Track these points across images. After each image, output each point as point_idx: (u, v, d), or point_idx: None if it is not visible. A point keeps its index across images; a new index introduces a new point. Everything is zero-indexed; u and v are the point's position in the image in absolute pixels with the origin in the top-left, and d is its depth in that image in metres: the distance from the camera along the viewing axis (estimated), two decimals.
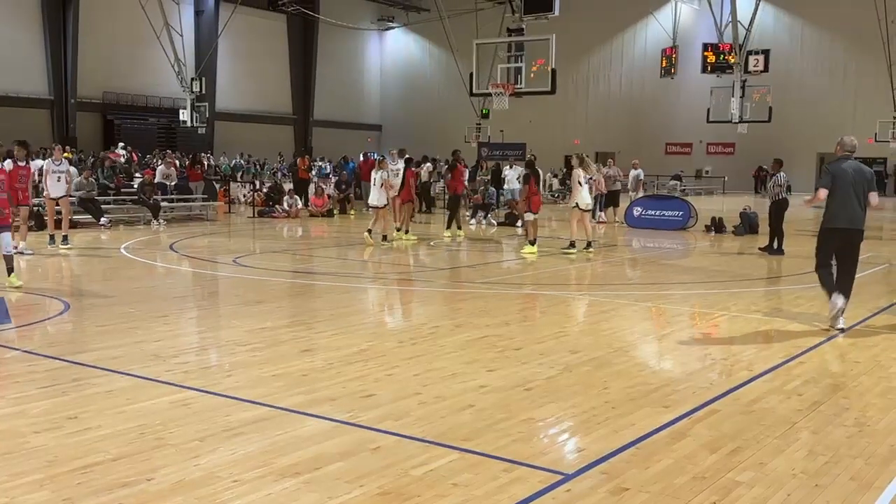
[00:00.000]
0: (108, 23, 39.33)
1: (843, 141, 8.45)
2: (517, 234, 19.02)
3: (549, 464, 4.56)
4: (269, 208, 24.64)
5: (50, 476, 4.23)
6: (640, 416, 5.42)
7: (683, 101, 46.53)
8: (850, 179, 8.17)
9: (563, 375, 6.46)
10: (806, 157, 43.45)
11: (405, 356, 7.03)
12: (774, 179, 15.65)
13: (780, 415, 5.49)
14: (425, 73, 56.55)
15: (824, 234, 8.43)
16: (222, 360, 7.01)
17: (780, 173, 15.61)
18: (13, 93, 36.76)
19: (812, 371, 6.71)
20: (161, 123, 42.50)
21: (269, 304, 9.77)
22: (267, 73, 49.35)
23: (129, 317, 8.64)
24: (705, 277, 12.85)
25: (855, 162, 8.34)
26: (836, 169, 8.27)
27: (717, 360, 7.21)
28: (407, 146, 17.57)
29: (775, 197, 15.54)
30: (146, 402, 5.56)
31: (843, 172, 8.21)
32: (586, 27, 46.63)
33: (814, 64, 44.47)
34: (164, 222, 20.52)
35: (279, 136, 49.42)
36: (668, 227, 20.77)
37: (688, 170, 45.73)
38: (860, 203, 8.22)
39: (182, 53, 34.11)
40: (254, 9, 44.09)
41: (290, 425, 5.12)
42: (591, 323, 8.70)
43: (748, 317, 9.22)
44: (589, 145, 49.85)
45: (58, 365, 6.56)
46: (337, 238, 19.39)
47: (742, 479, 4.35)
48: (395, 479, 4.26)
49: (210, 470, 4.35)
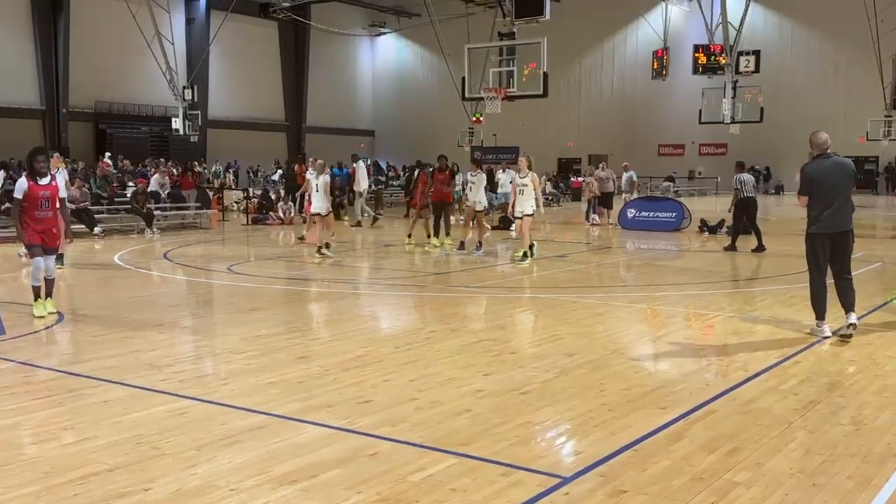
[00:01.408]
0: (100, 32, 39.27)
1: (814, 139, 7.98)
2: (511, 237, 19.03)
3: (547, 467, 4.56)
4: (263, 215, 24.61)
5: (46, 487, 4.21)
6: (636, 417, 5.42)
7: (675, 102, 46.66)
8: (831, 179, 7.79)
9: (559, 378, 6.46)
10: (798, 157, 43.15)
11: (401, 361, 7.03)
12: (736, 180, 16.17)
13: (776, 414, 5.50)
14: (417, 78, 56.61)
15: (811, 239, 8.00)
16: (218, 368, 7.00)
17: (742, 174, 16.23)
18: (4, 103, 36.68)
19: (808, 370, 6.73)
20: (153, 132, 42.45)
21: (265, 312, 9.75)
22: (259, 80, 49.35)
23: (125, 326, 8.61)
24: (700, 278, 12.87)
25: (834, 158, 7.90)
26: (812, 171, 7.88)
27: (713, 360, 7.23)
28: (400, 151, 17.48)
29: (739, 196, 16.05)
30: (142, 411, 5.54)
31: (820, 174, 7.82)
32: (577, 30, 46.73)
33: (804, 64, 44.64)
34: (157, 231, 20.48)
35: (272, 142, 49.40)
36: (662, 228, 20.82)
37: (680, 171, 45.85)
38: (845, 202, 7.85)
39: (174, 61, 34.02)
40: (245, 16, 43.99)
41: (287, 433, 5.11)
42: (587, 325, 8.70)
43: (743, 317, 9.24)
44: (582, 148, 50.09)
45: (53, 376, 6.54)
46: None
47: (740, 479, 4.36)
48: (393, 485, 4.26)
49: (207, 479, 4.34)
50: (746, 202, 16.08)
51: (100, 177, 24.17)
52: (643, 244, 18.17)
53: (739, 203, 16.08)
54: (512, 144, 41.82)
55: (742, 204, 16.07)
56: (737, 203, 16.14)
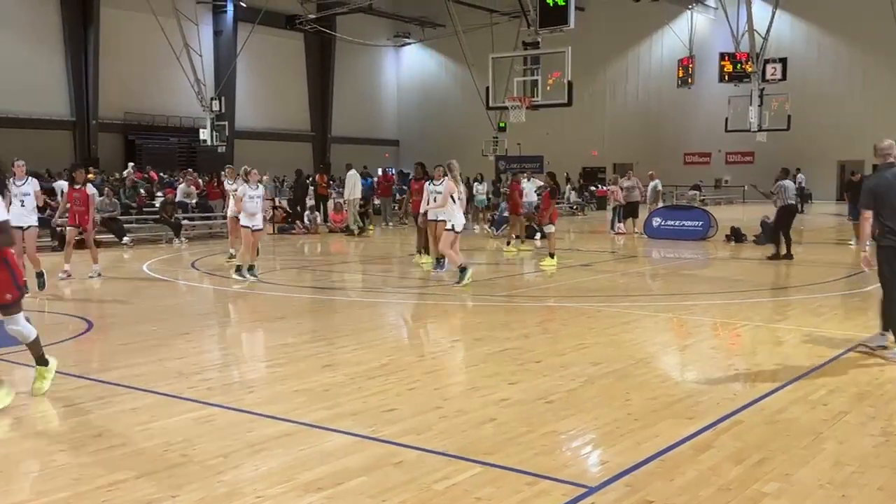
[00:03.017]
0: (129, 44, 39.79)
1: (878, 147, 7.50)
2: (535, 246, 19.00)
3: (573, 477, 4.53)
4: (289, 225, 24.78)
5: (76, 494, 4.26)
6: (663, 427, 5.38)
7: (701, 110, 46.38)
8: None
9: (584, 388, 6.43)
10: (826, 165, 43.15)
11: (426, 370, 7.03)
12: (778, 186, 15.89)
13: (805, 425, 5.44)
14: (442, 87, 56.76)
15: (885, 251, 7.30)
16: (245, 376, 7.04)
17: (785, 181, 15.94)
18: (36, 115, 37.25)
19: (837, 380, 6.63)
20: (182, 143, 42.91)
21: (290, 320, 9.81)
22: (285, 91, 49.74)
23: (152, 334, 8.70)
24: (727, 287, 12.76)
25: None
26: (876, 184, 7.38)
27: (741, 370, 7.16)
28: (424, 160, 17.26)
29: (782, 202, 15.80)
30: (170, 419, 5.59)
31: (887, 184, 7.28)
32: (602, 39, 46.67)
33: (832, 71, 44.18)
34: (185, 240, 20.68)
35: (298, 153, 49.70)
36: (688, 237, 20.68)
37: (707, 179, 45.54)
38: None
39: (201, 73, 34.46)
40: (272, 28, 44.49)
41: (312, 440, 5.13)
42: (612, 334, 8.65)
43: (771, 326, 9.15)
44: (607, 156, 49.92)
45: (82, 383, 6.61)
46: (356, 254, 19.44)
47: (768, 490, 4.31)
48: (418, 494, 4.26)
49: (234, 486, 4.37)
50: (787, 209, 15.88)
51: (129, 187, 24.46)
52: (669, 253, 18.05)
53: (781, 209, 15.88)
54: (536, 154, 41.81)
55: (783, 210, 15.86)
56: (778, 209, 15.95)
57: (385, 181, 30.46)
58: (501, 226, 22.58)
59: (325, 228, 25.04)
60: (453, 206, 12.71)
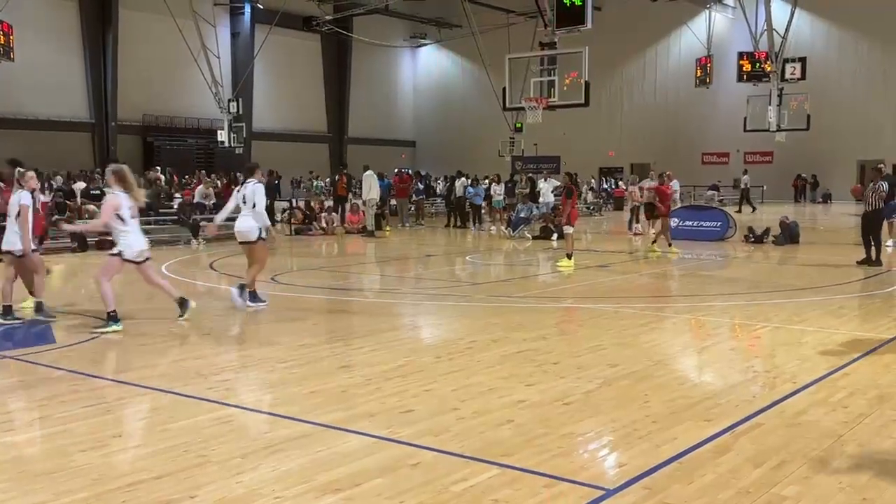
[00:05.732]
0: (147, 46, 40.08)
1: None
2: (553, 247, 18.95)
3: (591, 479, 4.52)
4: (306, 226, 24.85)
5: (95, 494, 4.29)
6: (681, 429, 5.35)
7: (719, 110, 46.11)
8: None
9: (602, 389, 6.40)
10: (846, 165, 42.75)
11: (443, 371, 7.03)
12: (872, 187, 14.62)
13: (825, 427, 5.39)
14: (458, 88, 56.79)
15: None
16: (263, 377, 7.07)
17: (881, 182, 14.59)
18: (55, 117, 37.60)
19: (857, 382, 6.57)
20: (199, 144, 43.19)
21: (308, 322, 9.84)
22: (302, 92, 49.91)
23: (171, 335, 8.76)
24: (746, 288, 12.68)
25: None
26: None
27: (760, 372, 7.11)
28: (441, 161, 17.32)
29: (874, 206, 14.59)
30: (188, 419, 5.62)
31: None
32: (619, 39, 46.46)
33: (852, 70, 43.78)
34: (203, 242, 20.78)
35: (315, 154, 49.89)
36: (707, 237, 20.55)
37: (725, 179, 45.27)
38: None
39: (219, 75, 34.67)
40: (289, 29, 44.67)
41: (330, 441, 5.14)
42: (630, 336, 8.61)
43: (790, 328, 9.07)
44: (624, 156, 49.74)
45: (101, 384, 6.66)
46: (373, 254, 19.48)
47: (788, 493, 4.27)
48: (435, 495, 4.25)
49: (252, 487, 4.39)
50: (877, 213, 14.67)
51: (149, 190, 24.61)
52: (687, 253, 17.95)
53: (872, 213, 14.66)
54: (553, 154, 41.72)
55: (874, 213, 14.67)
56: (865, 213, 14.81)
57: (401, 182, 30.46)
58: (518, 227, 22.55)
59: (343, 230, 25.08)
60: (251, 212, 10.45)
